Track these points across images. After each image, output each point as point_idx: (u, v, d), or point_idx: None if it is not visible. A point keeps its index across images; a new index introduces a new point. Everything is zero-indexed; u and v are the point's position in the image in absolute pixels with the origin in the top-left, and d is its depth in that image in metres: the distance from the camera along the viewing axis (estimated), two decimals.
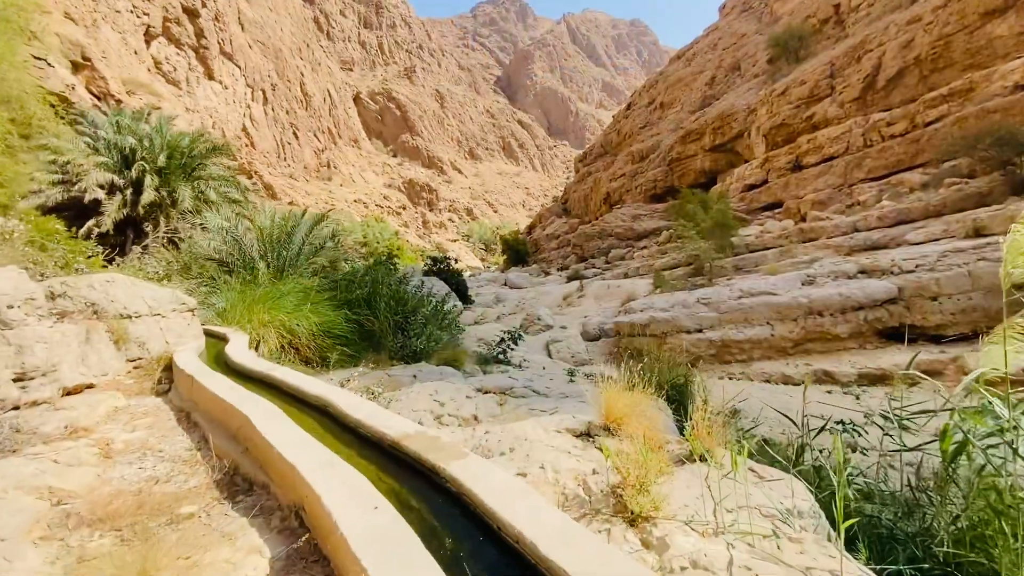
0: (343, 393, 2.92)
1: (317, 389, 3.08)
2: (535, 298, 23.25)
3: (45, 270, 4.28)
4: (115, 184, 11.49)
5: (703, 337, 12.30)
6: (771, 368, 11.43)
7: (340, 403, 2.77)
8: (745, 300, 12.60)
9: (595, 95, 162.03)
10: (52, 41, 21.59)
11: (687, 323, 12.39)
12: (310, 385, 3.18)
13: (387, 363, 7.05)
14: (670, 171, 39.17)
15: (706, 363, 12.05)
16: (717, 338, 12.09)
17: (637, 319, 12.71)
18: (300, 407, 3.10)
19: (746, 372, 11.92)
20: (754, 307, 12.30)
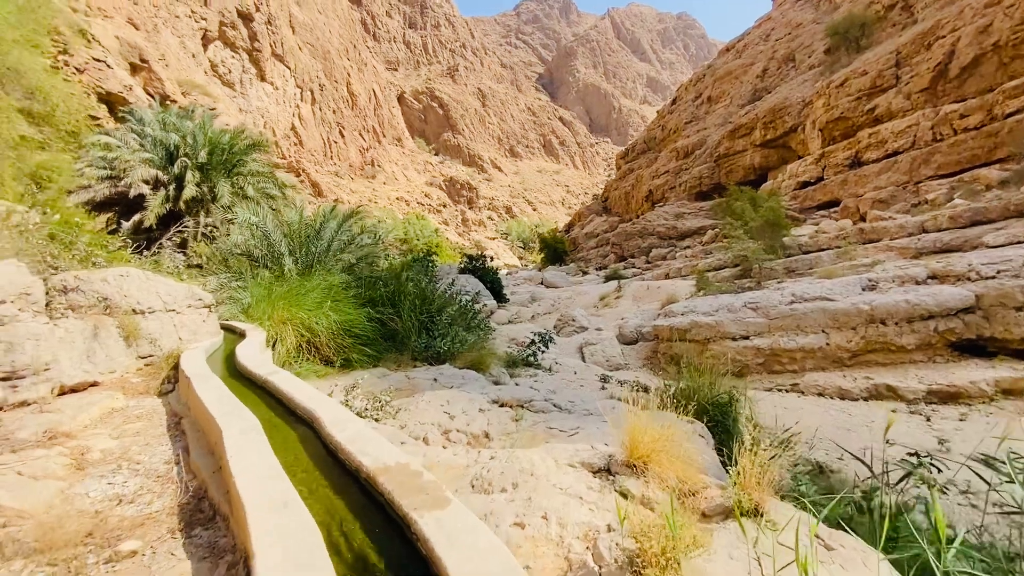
0: (331, 406, 2.60)
1: (307, 400, 2.77)
2: (571, 298, 22.69)
3: (60, 263, 4.20)
4: (159, 180, 11.81)
5: (749, 344, 11.47)
6: (825, 380, 10.50)
7: (326, 419, 2.44)
8: (798, 305, 11.66)
9: (639, 91, 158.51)
10: (112, 44, 22.81)
11: (732, 329, 11.59)
12: (301, 394, 2.88)
13: (409, 364, 6.79)
14: (717, 168, 37.63)
15: (752, 373, 11.24)
16: (765, 346, 11.24)
17: (678, 323, 12.00)
18: (289, 419, 2.81)
19: (797, 384, 11.02)
20: (807, 313, 11.36)
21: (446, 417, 3.46)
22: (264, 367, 3.67)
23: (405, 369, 6.60)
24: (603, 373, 9.37)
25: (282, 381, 3.22)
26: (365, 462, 1.94)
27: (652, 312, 14.95)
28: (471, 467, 2.42)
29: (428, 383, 5.76)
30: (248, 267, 8.54)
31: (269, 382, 3.30)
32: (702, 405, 4.35)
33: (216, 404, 2.69)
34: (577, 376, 9.26)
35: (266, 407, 3.09)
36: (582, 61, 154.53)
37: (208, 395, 2.88)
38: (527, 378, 8.60)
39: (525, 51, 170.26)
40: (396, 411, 3.69)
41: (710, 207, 35.44)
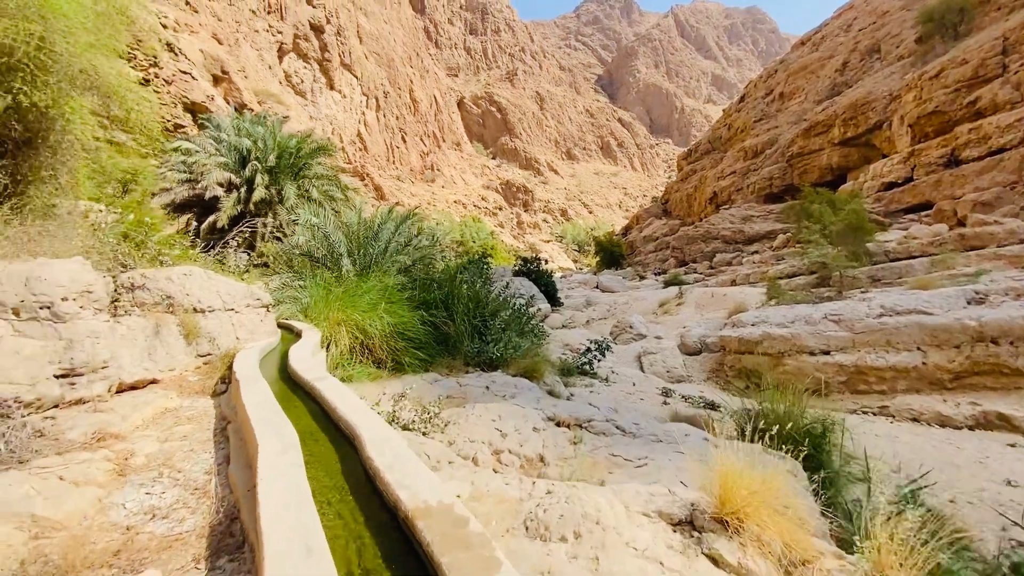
0: (373, 422, 2.38)
1: (349, 412, 2.57)
2: (627, 303, 21.92)
3: (129, 261, 4.31)
4: (232, 182, 12.43)
5: (830, 360, 10.44)
6: (921, 404, 9.35)
7: (366, 437, 2.21)
8: (888, 319, 10.50)
9: (703, 89, 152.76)
10: (197, 57, 24.64)
11: (810, 342, 10.59)
12: (345, 406, 2.69)
13: (461, 369, 6.59)
14: (789, 168, 35.40)
15: (834, 392, 10.22)
16: (849, 363, 10.18)
17: (748, 334, 11.14)
18: (331, 432, 2.62)
19: (886, 407, 9.91)
20: (900, 328, 10.20)
21: (497, 435, 3.17)
22: (312, 371, 3.54)
23: (457, 375, 6.40)
24: (664, 386, 8.78)
25: (328, 389, 3.05)
26: (403, 497, 1.67)
27: (717, 321, 14.05)
28: (524, 502, 2.11)
29: (480, 391, 5.52)
30: (309, 267, 8.70)
31: (315, 389, 3.15)
32: (789, 434, 3.81)
33: (257, 413, 2.54)
34: (636, 388, 8.74)
35: (310, 416, 2.94)
36: (643, 61, 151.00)
37: (251, 401, 2.75)
38: (582, 388, 8.20)
39: (584, 53, 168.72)
40: (445, 424, 3.45)
41: (781, 210, 33.33)
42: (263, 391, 2.97)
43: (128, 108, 4.85)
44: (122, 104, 4.73)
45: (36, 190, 3.93)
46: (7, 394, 2.52)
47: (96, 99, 4.53)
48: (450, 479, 2.36)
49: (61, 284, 3.10)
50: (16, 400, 2.52)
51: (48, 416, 2.75)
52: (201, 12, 40.55)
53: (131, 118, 4.86)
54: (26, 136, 3.83)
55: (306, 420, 2.85)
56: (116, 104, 4.81)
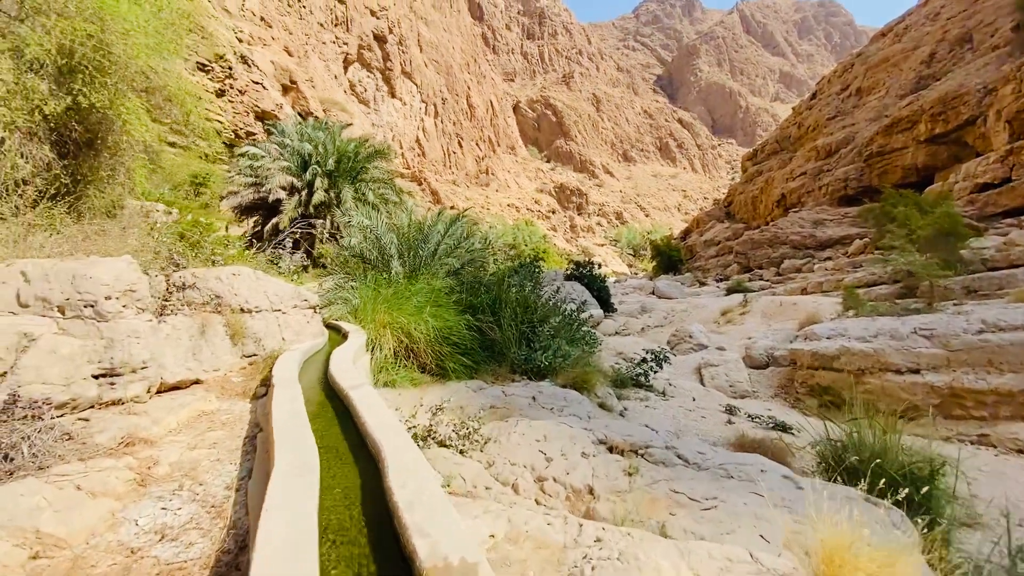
0: (399, 444, 2.12)
1: (377, 428, 2.33)
2: (686, 311, 20.89)
3: (182, 261, 4.35)
4: (294, 186, 12.86)
5: (920, 380, 9.29)
6: None
7: (391, 461, 1.95)
8: (990, 336, 9.23)
9: (770, 87, 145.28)
10: (268, 68, 26.03)
11: (896, 359, 9.48)
12: (374, 420, 2.45)
13: (507, 377, 6.31)
14: (867, 168, 32.82)
15: (924, 416, 9.08)
16: (943, 384, 9.01)
17: (823, 348, 10.16)
18: (357, 450, 2.39)
19: (986, 435, 8.69)
20: (1005, 346, 8.94)
21: (541, 458, 2.84)
22: (349, 378, 3.35)
23: (503, 383, 6.13)
24: (728, 403, 8.09)
25: (360, 399, 2.84)
26: (421, 549, 1.38)
27: (787, 332, 12.98)
28: (569, 550, 1.77)
29: (526, 402, 5.20)
30: (360, 269, 8.74)
31: (348, 398, 2.96)
32: (885, 471, 3.22)
33: (282, 424, 2.35)
34: (696, 404, 8.10)
35: (339, 429, 2.73)
36: (705, 59, 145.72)
37: (280, 410, 2.58)
38: (637, 402, 7.69)
39: (643, 53, 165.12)
40: (485, 442, 3.16)
41: (858, 213, 30.90)
42: (294, 399, 2.80)
43: (188, 111, 4.94)
44: (181, 106, 4.82)
45: (95, 190, 4.05)
46: (38, 395, 2.48)
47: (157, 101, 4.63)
48: (484, 512, 2.05)
49: (105, 283, 3.08)
50: (46, 401, 2.47)
51: (82, 418, 2.70)
52: (274, 26, 43.02)
53: (190, 120, 4.96)
54: (86, 137, 3.95)
55: (335, 433, 2.65)
56: (176, 107, 4.91)
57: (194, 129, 5.09)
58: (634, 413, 6.70)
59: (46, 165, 3.71)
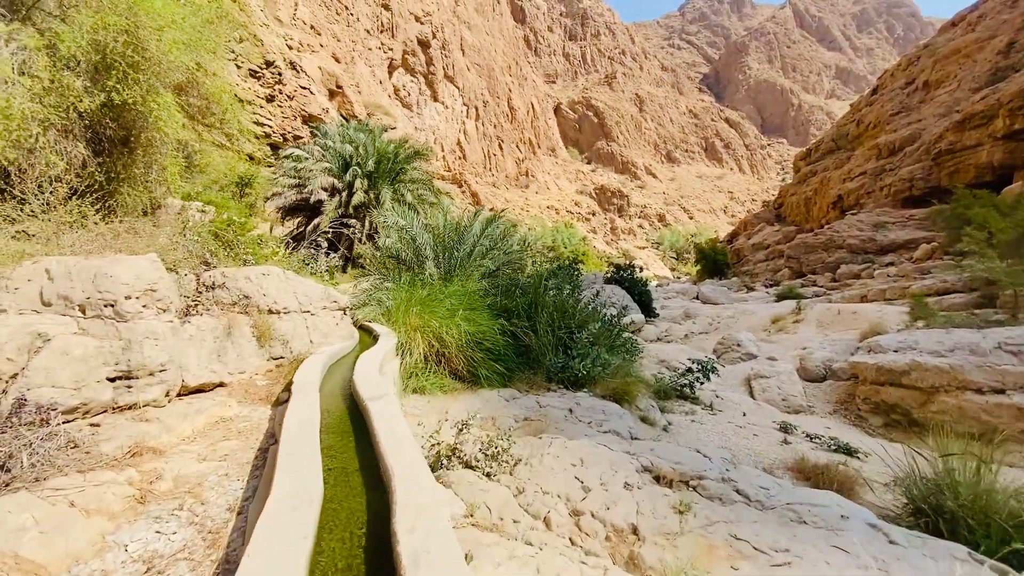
0: (413, 473, 1.84)
1: (391, 451, 2.07)
2: (733, 317, 19.91)
3: (213, 260, 4.28)
4: (335, 187, 12.99)
5: (1005, 401, 8.32)
6: None
7: (401, 496, 1.68)
8: None
9: (825, 84, 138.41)
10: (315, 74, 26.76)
11: (977, 377, 8.53)
12: (388, 440, 2.20)
13: (542, 386, 5.98)
14: (935, 167, 30.57)
15: (1010, 441, 8.12)
16: None
17: (890, 362, 9.29)
18: (369, 475, 2.14)
19: None
20: None
21: (577, 487, 2.51)
22: (371, 387, 3.12)
23: (537, 392, 5.81)
24: (782, 420, 7.45)
25: (379, 413, 2.60)
26: None
27: (846, 343, 12.04)
28: None
29: (561, 414, 4.87)
30: (395, 269, 8.63)
31: (368, 410, 2.72)
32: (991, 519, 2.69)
33: (291, 439, 2.13)
34: (747, 420, 7.50)
35: (355, 444, 2.49)
36: (755, 56, 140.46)
37: (292, 422, 2.36)
38: (681, 415, 7.19)
39: (689, 51, 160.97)
40: (514, 463, 2.85)
41: (925, 215, 28.85)
42: (310, 411, 2.58)
43: (224, 108, 4.90)
44: (218, 103, 4.78)
45: (128, 187, 4.03)
46: (45, 399, 2.36)
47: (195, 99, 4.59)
48: (509, 558, 1.75)
49: (125, 282, 2.98)
50: (52, 406, 2.35)
51: (94, 423, 2.58)
52: (323, 34, 44.37)
53: (225, 118, 4.92)
54: (121, 134, 3.93)
55: (349, 451, 2.41)
56: (215, 105, 4.87)
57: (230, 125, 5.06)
58: (679, 429, 6.23)
59: (81, 163, 3.71)
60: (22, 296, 2.83)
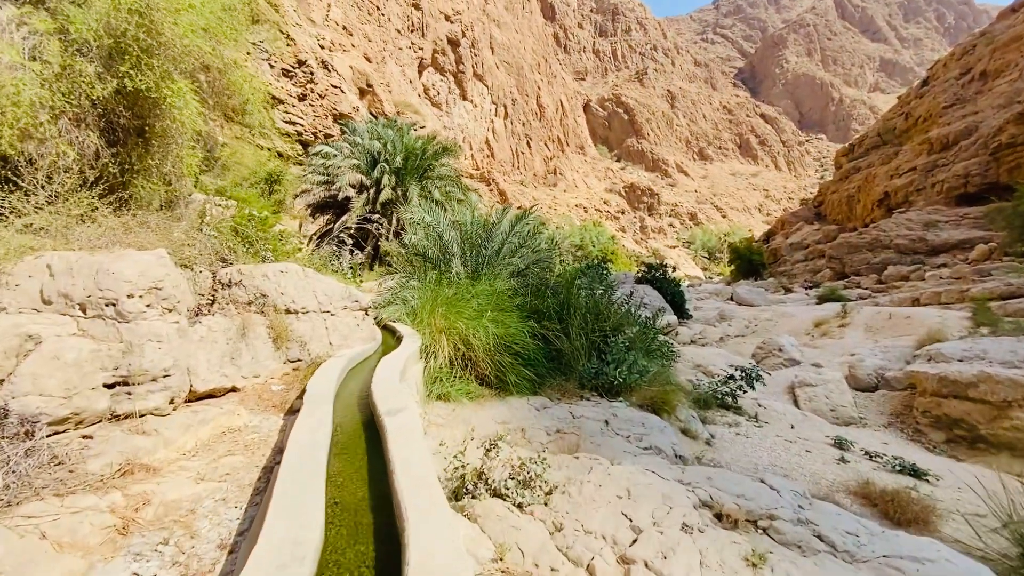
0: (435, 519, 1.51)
1: (407, 486, 1.74)
2: (771, 320, 19.01)
3: (231, 257, 4.06)
4: (363, 184, 12.87)
5: None
6: None
7: (416, 551, 1.35)
8: None
9: (868, 77, 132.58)
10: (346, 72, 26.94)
11: None
12: (405, 478, 1.86)
13: (575, 394, 5.59)
14: (994, 162, 28.72)
15: None
16: None
17: (955, 372, 8.50)
18: (382, 513, 1.81)
19: None
20: None
21: (625, 527, 2.13)
22: (390, 399, 2.81)
23: (570, 400, 5.43)
24: (836, 434, 6.84)
25: (395, 433, 2.27)
26: None
27: (901, 351, 11.19)
28: None
29: (597, 427, 4.47)
30: (421, 267, 8.37)
31: (384, 428, 2.40)
32: None
33: (292, 466, 1.82)
34: (796, 433, 6.92)
35: (367, 471, 2.17)
36: (793, 49, 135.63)
37: (297, 442, 2.06)
38: (724, 427, 6.68)
39: (723, 46, 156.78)
40: (549, 491, 2.49)
41: (982, 213, 27.07)
42: (317, 430, 2.28)
43: (246, 99, 4.69)
44: (239, 93, 4.57)
45: (143, 180, 3.84)
46: (31, 409, 2.12)
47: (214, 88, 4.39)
48: None
49: (128, 279, 2.74)
50: (36, 417, 2.11)
51: (86, 435, 2.34)
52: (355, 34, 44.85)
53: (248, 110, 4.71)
54: (135, 123, 3.75)
55: (359, 479, 2.09)
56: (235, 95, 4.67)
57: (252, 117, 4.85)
58: (723, 443, 5.74)
59: (94, 153, 3.54)
60: (22, 293, 2.62)
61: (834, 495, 4.50)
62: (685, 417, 5.97)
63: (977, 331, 11.24)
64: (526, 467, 2.54)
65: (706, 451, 5.22)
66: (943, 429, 8.69)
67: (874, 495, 4.44)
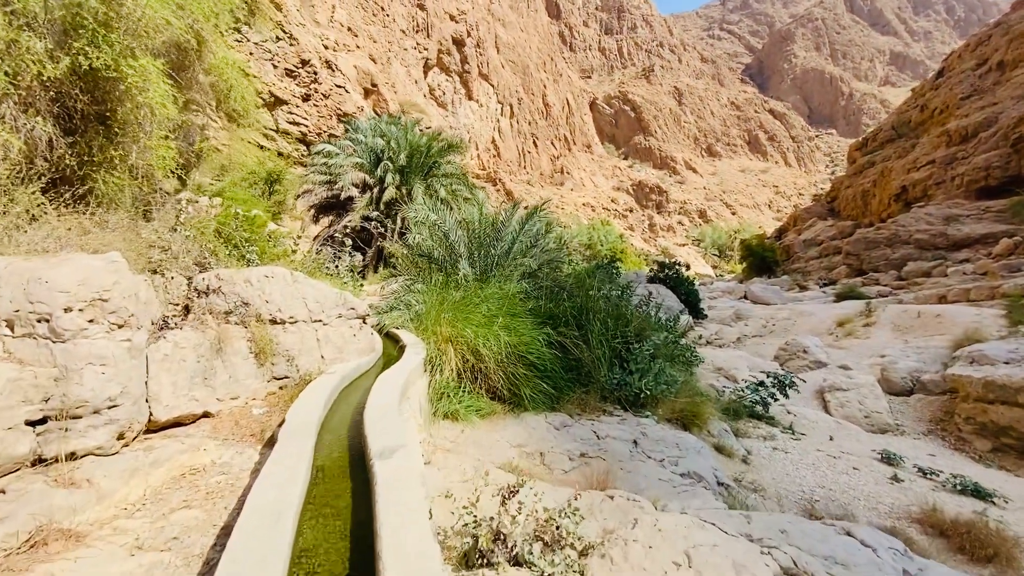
0: None
1: (398, 567, 1.21)
2: (789, 319, 18.29)
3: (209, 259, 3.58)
4: (366, 183, 12.40)
5: None
6: None
7: None
8: None
9: (878, 71, 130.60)
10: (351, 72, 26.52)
11: None
12: (395, 545, 1.34)
13: (596, 407, 5.06)
14: (1015, 154, 27.85)
15: None
16: None
17: (1002, 376, 7.87)
18: None
19: None
20: None
21: None
22: (384, 433, 2.30)
23: (591, 415, 4.89)
24: (884, 448, 6.22)
25: (387, 486, 1.76)
26: None
27: (936, 352, 10.54)
28: None
29: (625, 449, 3.94)
30: (427, 269, 7.87)
31: (374, 477, 1.88)
32: None
33: (240, 545, 1.30)
34: (836, 446, 6.33)
35: (350, 540, 1.65)
36: (801, 44, 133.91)
37: (253, 507, 1.55)
38: (759, 441, 6.11)
39: (730, 41, 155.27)
40: (583, 551, 1.96)
41: (1006, 206, 26.19)
42: (289, 479, 1.77)
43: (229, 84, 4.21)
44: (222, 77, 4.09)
45: (105, 174, 3.38)
46: None
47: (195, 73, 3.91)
48: None
49: (64, 290, 2.25)
50: None
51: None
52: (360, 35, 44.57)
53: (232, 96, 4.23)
54: (95, 109, 3.28)
55: (340, 555, 1.57)
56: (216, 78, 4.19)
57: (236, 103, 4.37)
58: (761, 460, 5.18)
59: (47, 142, 3.07)
60: None
61: (900, 525, 3.93)
62: (717, 431, 5.42)
63: (1017, 330, 10.55)
64: (554, 521, 2.01)
65: (745, 472, 4.67)
66: (988, 437, 8.05)
67: (945, 526, 3.87)
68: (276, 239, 5.28)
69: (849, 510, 4.07)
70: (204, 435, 2.76)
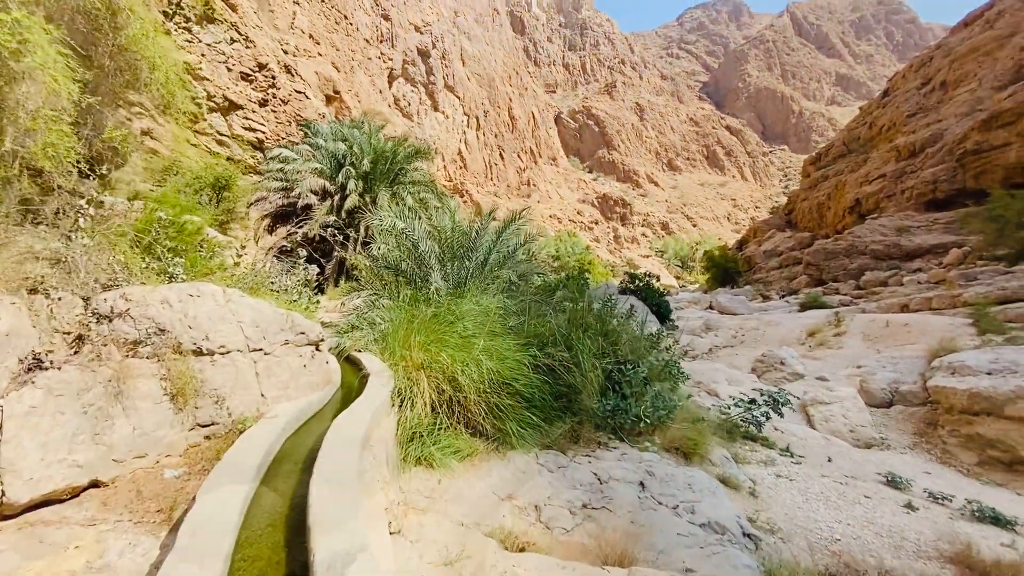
0: None
1: None
2: (758, 329, 18.34)
3: (118, 276, 2.81)
4: (326, 190, 11.56)
5: None
6: None
7: None
8: None
9: (825, 90, 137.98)
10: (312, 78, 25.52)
11: None
12: None
13: (591, 438, 4.47)
14: (960, 168, 29.33)
15: None
16: None
17: (987, 387, 7.75)
18: None
19: None
20: None
21: None
22: (334, 528, 1.62)
23: (586, 448, 4.29)
24: (888, 471, 5.87)
25: None
26: None
27: (912, 362, 10.50)
28: None
29: (633, 495, 3.35)
30: (394, 282, 7.15)
31: None
32: None
33: None
34: (837, 468, 5.95)
35: None
36: (754, 64, 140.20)
37: None
38: (759, 467, 5.65)
39: (688, 60, 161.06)
40: None
41: (954, 218, 27.44)
42: None
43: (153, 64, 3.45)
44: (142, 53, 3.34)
45: None
46: None
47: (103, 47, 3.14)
48: None
49: None
50: None
51: None
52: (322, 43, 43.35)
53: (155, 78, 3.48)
54: None
55: None
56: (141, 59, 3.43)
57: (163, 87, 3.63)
58: (767, 491, 4.70)
59: None
60: None
61: (934, 570, 3.49)
62: (719, 459, 4.91)
63: (987, 339, 10.67)
64: None
65: (758, 509, 4.16)
66: (974, 450, 7.90)
67: (985, 569, 3.45)
68: (211, 249, 4.48)
69: (879, 555, 3.60)
70: (85, 517, 2.00)
